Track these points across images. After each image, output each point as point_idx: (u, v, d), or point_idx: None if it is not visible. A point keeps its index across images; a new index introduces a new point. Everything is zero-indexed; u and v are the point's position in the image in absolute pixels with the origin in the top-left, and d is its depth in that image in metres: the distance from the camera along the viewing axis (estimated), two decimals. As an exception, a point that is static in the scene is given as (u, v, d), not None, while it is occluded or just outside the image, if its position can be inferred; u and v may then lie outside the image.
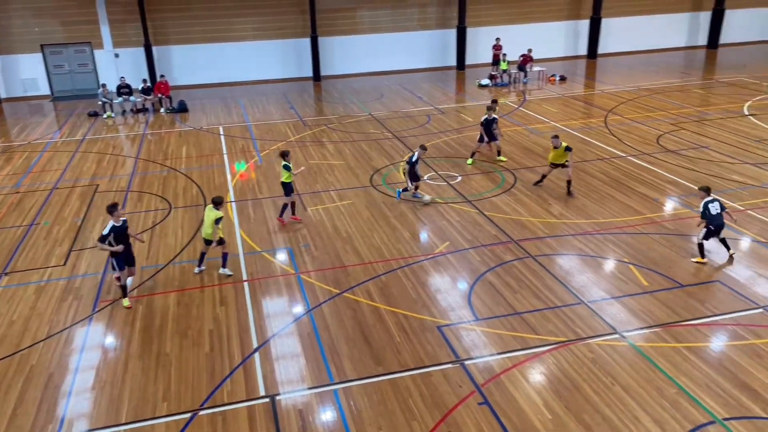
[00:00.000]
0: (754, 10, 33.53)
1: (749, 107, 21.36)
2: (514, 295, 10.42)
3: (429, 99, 24.68)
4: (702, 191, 11.33)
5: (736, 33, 33.44)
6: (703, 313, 9.71)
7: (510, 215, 13.47)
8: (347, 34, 29.09)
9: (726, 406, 7.76)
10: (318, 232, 13.04)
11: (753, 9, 33.49)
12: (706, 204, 11.12)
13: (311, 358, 9.01)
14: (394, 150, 18.28)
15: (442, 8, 29.80)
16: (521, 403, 7.97)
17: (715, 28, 32.54)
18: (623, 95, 23.89)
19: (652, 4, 32.12)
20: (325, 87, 27.82)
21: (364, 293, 10.68)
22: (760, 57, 30.60)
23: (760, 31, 34.07)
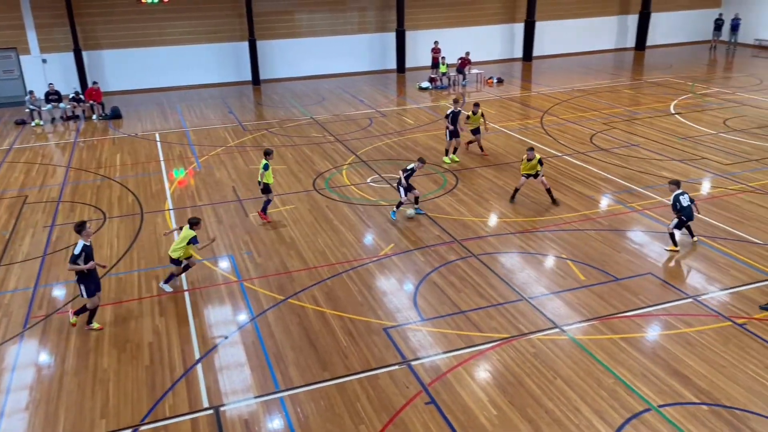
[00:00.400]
0: (678, 13, 35.16)
1: (675, 106, 22.37)
2: (459, 294, 10.56)
3: (370, 102, 24.76)
4: (672, 185, 11.87)
5: (662, 35, 34.99)
6: (637, 304, 10.09)
7: (452, 215, 13.65)
8: (286, 37, 28.86)
9: (660, 393, 8.08)
10: (261, 239, 12.87)
11: (677, 12, 35.11)
12: (677, 196, 11.69)
13: (256, 367, 8.88)
14: (337, 153, 18.25)
15: (381, 12, 29.96)
16: (467, 400, 8.08)
17: (642, 31, 33.94)
18: (558, 96, 24.61)
19: (583, 8, 33.22)
20: (265, 91, 27.51)
21: (310, 299, 10.60)
22: (684, 58, 32.10)
23: (684, 33, 35.76)
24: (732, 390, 8.08)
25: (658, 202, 13.98)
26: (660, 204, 13.83)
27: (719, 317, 9.66)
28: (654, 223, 13.00)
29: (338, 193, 15.21)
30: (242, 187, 15.81)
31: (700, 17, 35.51)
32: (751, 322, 9.49)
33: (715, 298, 10.19)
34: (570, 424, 7.60)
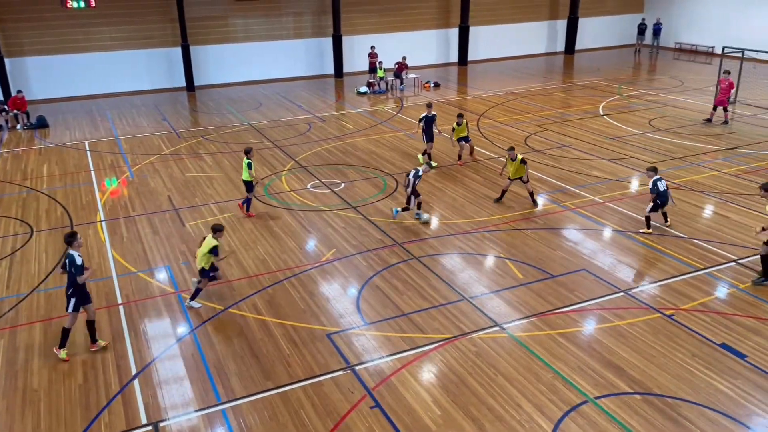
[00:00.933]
0: (604, 18, 36.60)
1: (604, 108, 23.25)
2: (401, 297, 10.63)
3: (309, 107, 24.64)
4: (650, 171, 12.61)
5: (590, 39, 36.33)
6: (573, 300, 10.42)
7: (393, 219, 13.72)
8: (221, 42, 28.38)
9: (597, 385, 8.36)
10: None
11: (603, 17, 36.55)
12: (655, 181, 12.44)
13: (196, 380, 8.67)
14: (276, 159, 18.06)
15: (317, 17, 29.89)
16: (411, 402, 8.14)
17: (571, 35, 35.14)
18: (493, 99, 25.16)
19: (515, 13, 34.12)
20: (200, 97, 26.95)
21: (251, 307, 10.44)
22: (611, 61, 33.41)
23: (610, 38, 37.23)
24: (662, 378, 8.45)
25: (590, 200, 14.48)
26: (592, 202, 14.33)
27: (649, 309, 10.09)
28: (587, 221, 13.46)
29: (278, 200, 15.06)
30: (178, 195, 15.43)
31: (625, 22, 37.08)
32: (678, 313, 9.95)
33: (645, 291, 10.63)
34: (512, 420, 7.77)
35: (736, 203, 14.05)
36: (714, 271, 11.20)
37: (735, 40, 27.88)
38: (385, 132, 20.75)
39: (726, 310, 10.03)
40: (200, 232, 13.31)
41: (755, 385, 8.26)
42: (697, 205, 14.06)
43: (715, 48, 32.74)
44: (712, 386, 8.28)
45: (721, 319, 9.77)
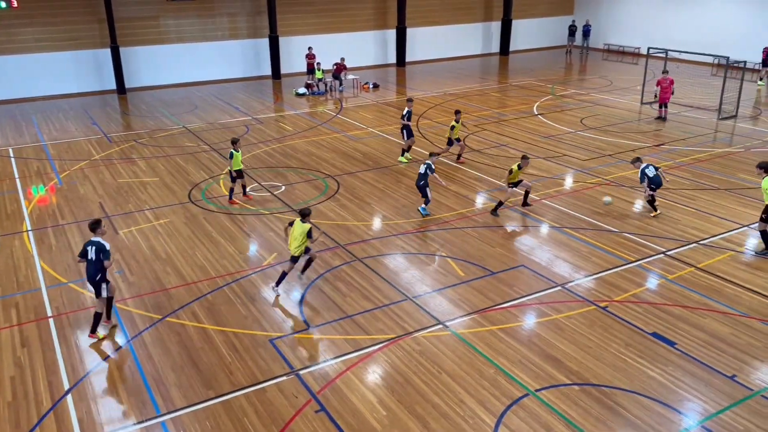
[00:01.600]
0: (536, 20, 37.63)
1: (538, 107, 23.88)
2: (345, 299, 10.59)
3: (246, 109, 24.25)
4: (635, 162, 13.58)
5: (523, 40, 37.27)
6: (512, 296, 10.64)
7: (335, 221, 13.68)
8: (152, 43, 27.57)
9: (537, 378, 8.57)
10: (133, 255, 12.18)
11: (535, 19, 37.57)
12: (642, 170, 13.32)
13: (134, 392, 8.38)
14: (213, 163, 17.69)
15: (252, 17, 29.46)
16: (357, 404, 8.12)
17: (505, 37, 35.94)
18: (431, 100, 25.44)
19: (450, 15, 34.62)
20: (132, 100, 26.10)
21: (190, 315, 10.18)
22: (544, 62, 34.37)
23: (542, 39, 38.31)
24: (599, 369, 8.74)
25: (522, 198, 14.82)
26: (529, 200, 14.66)
27: (585, 302, 10.42)
28: (524, 218, 13.78)
29: (216, 204, 14.74)
30: (110, 202, 14.89)
31: (556, 23, 38.24)
32: (612, 305, 10.31)
33: (581, 285, 10.98)
34: (456, 416, 7.86)
35: (663, 197, 14.68)
36: (644, 263, 11.67)
37: (659, 41, 29.18)
38: (325, 133, 20.66)
39: (656, 300, 10.47)
40: (134, 239, 12.89)
41: (685, 371, 8.65)
42: (627, 201, 14.62)
43: (641, 48, 34.18)
44: (645, 374, 8.62)
45: (651, 309, 10.19)
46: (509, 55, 36.19)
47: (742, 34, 29.36)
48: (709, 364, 8.79)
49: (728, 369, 8.70)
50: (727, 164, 16.93)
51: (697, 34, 31.17)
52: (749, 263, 11.65)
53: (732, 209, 14.01)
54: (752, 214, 13.70)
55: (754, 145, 18.73)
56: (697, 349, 9.14)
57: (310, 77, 27.69)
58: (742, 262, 11.71)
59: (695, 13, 32.11)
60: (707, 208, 14.11)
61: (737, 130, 20.49)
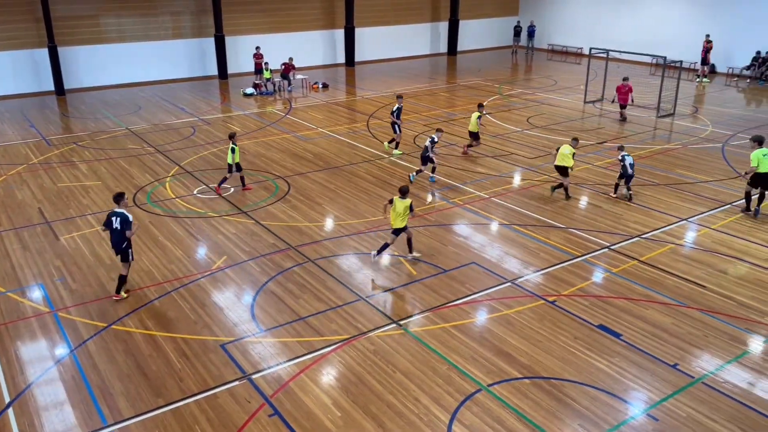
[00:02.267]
0: (482, 20, 38.23)
1: (486, 107, 24.21)
2: (297, 301, 10.50)
3: (192, 110, 23.76)
4: (618, 148, 14.93)
5: (471, 41, 37.80)
6: (464, 293, 10.77)
7: (287, 222, 13.54)
8: (92, 43, 26.71)
9: (489, 373, 8.69)
10: (75, 262, 11.77)
11: (482, 19, 38.16)
12: (623, 157, 14.59)
13: (79, 403, 8.09)
14: (158, 165, 17.25)
15: (197, 16, 28.89)
16: (311, 406, 8.06)
17: (452, 37, 36.37)
18: (381, 100, 25.49)
19: (399, 15, 34.81)
20: (72, 101, 25.22)
21: (136, 322, 9.90)
22: (491, 62, 34.93)
23: (489, 39, 38.94)
24: (548, 362, 8.93)
25: (477, 196, 15.04)
26: (478, 198, 14.89)
27: (534, 297, 10.63)
28: (475, 216, 13.96)
29: (162, 207, 14.39)
30: (50, 207, 14.35)
31: (502, 24, 38.94)
32: (560, 299, 10.56)
33: (530, 280, 11.20)
34: (410, 414, 7.90)
35: (607, 194, 15.12)
36: (590, 258, 12.00)
37: (600, 42, 30.02)
38: (275, 134, 20.45)
39: (602, 293, 10.78)
40: (77, 245, 12.46)
41: (630, 362, 8.93)
42: (573, 197, 15.00)
43: (583, 49, 35.13)
44: (593, 365, 8.85)
45: (597, 302, 10.48)
46: (457, 55, 36.62)
47: (679, 34, 30.53)
48: (652, 354, 9.10)
49: (671, 358, 9.02)
50: (666, 160, 17.57)
51: (637, 34, 32.26)
52: (688, 255, 12.12)
53: (671, 203, 14.55)
54: (690, 208, 14.26)
55: (690, 141, 19.50)
56: (641, 339, 9.45)
57: (258, 77, 27.36)
58: (681, 254, 12.17)
59: (635, 14, 33.21)
60: (648, 203, 14.61)
61: (675, 127, 21.30)
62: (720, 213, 14.04)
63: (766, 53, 28.61)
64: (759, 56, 28.82)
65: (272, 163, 17.46)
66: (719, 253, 12.18)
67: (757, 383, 8.50)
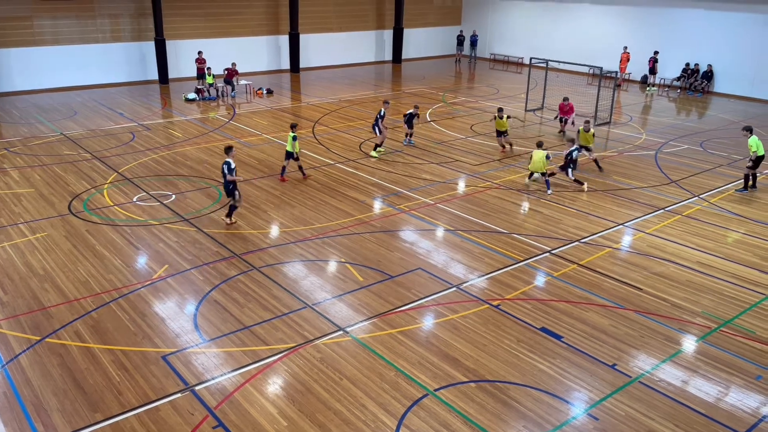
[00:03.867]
0: (426, 29, 38.73)
1: (430, 114, 24.53)
2: (242, 310, 10.33)
3: (132, 115, 23.10)
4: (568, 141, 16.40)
5: (415, 49, 38.22)
6: (411, 298, 10.84)
7: (230, 230, 13.32)
8: (25, 45, 25.64)
9: (435, 378, 8.77)
10: (6, 273, 11.23)
11: (426, 28, 38.66)
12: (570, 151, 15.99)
13: (11, 420, 7.71)
14: (96, 172, 16.68)
15: (136, 19, 28.15)
16: (256, 416, 7.93)
17: (397, 45, 36.69)
18: (327, 106, 25.45)
19: (343, 22, 34.88)
20: (2, 106, 24.10)
21: (72, 335, 9.52)
22: (435, 70, 35.40)
23: (433, 48, 39.47)
24: (493, 365, 9.08)
25: (423, 202, 15.19)
26: (424, 204, 15.04)
27: (479, 301, 10.80)
28: (420, 221, 14.08)
29: (100, 216, 13.92)
30: (-21, 216, 13.66)
31: (446, 33, 39.55)
32: (504, 303, 10.76)
33: (475, 285, 11.37)
34: (357, 421, 7.88)
35: (547, 200, 15.53)
36: (532, 262, 12.29)
37: (541, 52, 30.91)
38: (218, 140, 20.10)
39: (543, 296, 11.05)
40: (8, 255, 11.90)
41: (571, 363, 9.18)
42: (515, 203, 15.34)
43: (524, 59, 36.05)
44: (536, 367, 9.06)
45: (539, 305, 10.74)
46: (402, 63, 36.95)
47: (615, 46, 31.71)
48: (592, 355, 9.38)
49: (609, 358, 9.33)
50: (602, 167, 18.18)
51: (575, 45, 33.36)
52: (624, 258, 12.58)
53: (608, 209, 15.08)
54: (626, 213, 14.81)
55: (626, 149, 20.27)
56: (581, 341, 9.73)
57: (201, 82, 26.85)
58: (618, 257, 12.61)
59: (573, 25, 34.35)
60: (586, 208, 15.09)
61: (611, 135, 22.10)
62: (654, 218, 14.64)
63: (695, 65, 30.07)
64: (688, 68, 30.26)
65: (215, 169, 17.14)
66: (654, 256, 12.69)
67: (690, 381, 8.88)
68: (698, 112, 26.72)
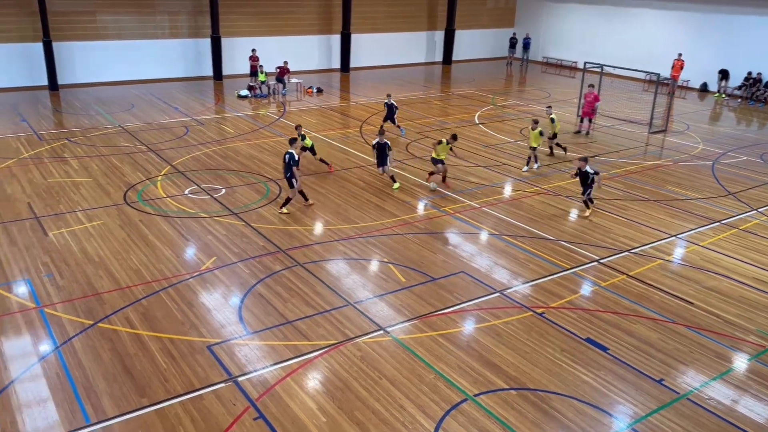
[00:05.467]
0: (478, 31, 38.45)
1: (479, 117, 24.35)
2: (285, 305, 10.47)
3: (186, 110, 23.70)
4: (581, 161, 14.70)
5: (466, 51, 38.00)
6: (452, 301, 10.78)
7: (277, 225, 13.52)
8: (88, 39, 26.60)
9: (475, 383, 8.70)
10: (63, 259, 11.68)
11: (478, 30, 38.38)
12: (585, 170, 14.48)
13: (62, 401, 8.02)
14: (150, 164, 17.18)
15: (194, 17, 28.86)
16: (296, 411, 8.03)
17: (448, 47, 36.54)
18: (375, 107, 25.55)
19: (395, 23, 34.94)
20: (65, 97, 25.08)
21: (123, 321, 9.83)
22: (485, 72, 35.11)
23: (484, 50, 39.17)
24: (535, 373, 8.95)
25: (468, 205, 15.09)
26: (469, 207, 14.94)
27: (522, 308, 10.66)
28: (465, 225, 14.00)
29: (153, 206, 14.32)
30: (39, 202, 14.24)
31: (497, 35, 39.17)
32: (548, 311, 10.60)
33: (518, 291, 11.23)
34: (395, 422, 7.89)
35: (597, 207, 15.22)
36: (579, 271, 12.05)
37: (595, 56, 30.30)
38: (268, 137, 20.43)
39: (590, 306, 10.83)
40: (65, 241, 12.37)
41: (616, 376, 8.98)
42: (564, 209, 15.08)
43: (578, 63, 35.40)
44: (579, 378, 8.89)
45: (585, 315, 10.53)
46: (452, 65, 36.79)
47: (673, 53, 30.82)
48: (638, 369, 9.15)
49: (656, 373, 9.07)
50: (656, 176, 17.71)
51: (631, 51, 32.55)
52: (676, 271, 12.21)
53: (661, 219, 14.67)
54: (680, 224, 14.38)
55: (682, 158, 19.68)
56: (628, 354, 9.50)
57: (253, 79, 27.34)
58: (669, 270, 12.26)
59: (630, 30, 33.53)
60: (638, 218, 14.72)
61: (666, 143, 21.49)
62: (709, 230, 14.17)
63: (757, 74, 28.97)
64: (750, 77, 29.17)
65: (264, 165, 17.44)
66: (707, 270, 12.28)
67: (741, 401, 8.56)
68: (759, 122, 25.72)
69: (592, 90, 21.77)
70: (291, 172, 13.77)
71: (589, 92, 21.82)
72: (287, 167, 13.80)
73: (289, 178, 13.86)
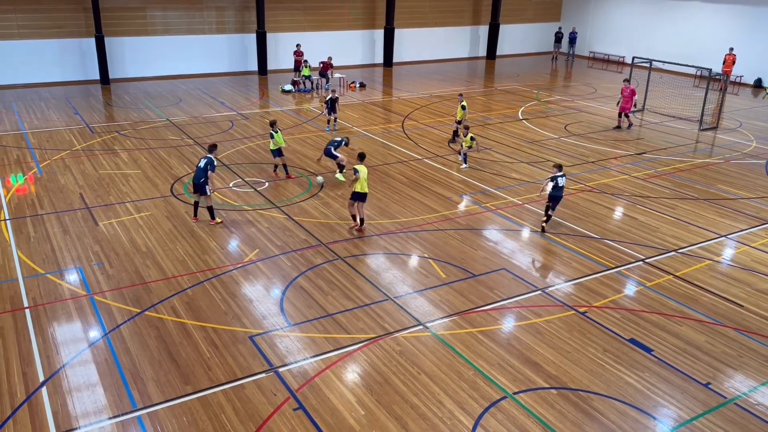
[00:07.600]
0: (523, 26, 37.91)
1: (523, 112, 24.04)
2: (326, 298, 10.57)
3: (231, 104, 24.10)
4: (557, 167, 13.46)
5: (510, 45, 37.52)
6: (493, 298, 10.70)
7: (319, 219, 13.65)
8: (138, 35, 27.29)
9: (515, 381, 8.63)
10: (113, 248, 12.05)
11: (523, 24, 37.84)
12: (555, 177, 13.13)
13: (110, 386, 8.29)
14: (196, 157, 17.54)
15: (240, 12, 29.29)
16: (335, 403, 8.11)
17: (492, 41, 36.14)
18: (417, 101, 25.48)
19: (439, 17, 34.74)
20: (116, 91, 25.81)
21: (169, 310, 10.09)
22: (530, 67, 34.61)
23: (529, 44, 38.60)
24: (576, 373, 8.82)
25: (510, 202, 14.93)
26: (511, 204, 14.78)
27: (564, 307, 10.51)
28: (506, 221, 13.86)
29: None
30: (91, 193, 14.72)
31: (543, 30, 38.55)
32: (591, 310, 10.42)
33: (561, 290, 11.07)
34: (434, 417, 7.89)
35: (643, 206, 14.87)
36: (623, 270, 11.81)
37: (643, 51, 29.54)
38: (311, 131, 20.61)
39: (634, 306, 10.60)
40: (115, 231, 12.76)
41: (660, 378, 8.77)
42: (609, 207, 14.78)
43: (626, 58, 34.57)
44: (622, 379, 8.72)
45: (629, 315, 10.31)
46: (496, 60, 36.39)
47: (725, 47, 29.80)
48: (684, 371, 8.92)
49: (703, 377, 8.83)
50: (706, 174, 17.19)
51: (681, 45, 31.62)
52: (725, 273, 11.84)
53: (710, 219, 14.23)
54: (730, 224, 13.93)
55: (733, 156, 19.04)
56: (673, 356, 9.27)
57: (297, 74, 27.60)
58: (718, 271, 11.89)
59: (679, 25, 32.56)
60: (686, 217, 14.32)
61: (717, 141, 20.82)
62: (761, 231, 13.69)
63: (816, 69, 27.77)
64: (809, 72, 27.97)
65: (307, 159, 17.61)
66: (758, 272, 11.87)
67: (793, 408, 8.27)
68: (818, 119, 24.65)
69: (627, 84, 21.33)
70: (206, 177, 12.76)
71: (625, 87, 21.37)
72: (201, 172, 12.74)
73: (202, 184, 12.78)
